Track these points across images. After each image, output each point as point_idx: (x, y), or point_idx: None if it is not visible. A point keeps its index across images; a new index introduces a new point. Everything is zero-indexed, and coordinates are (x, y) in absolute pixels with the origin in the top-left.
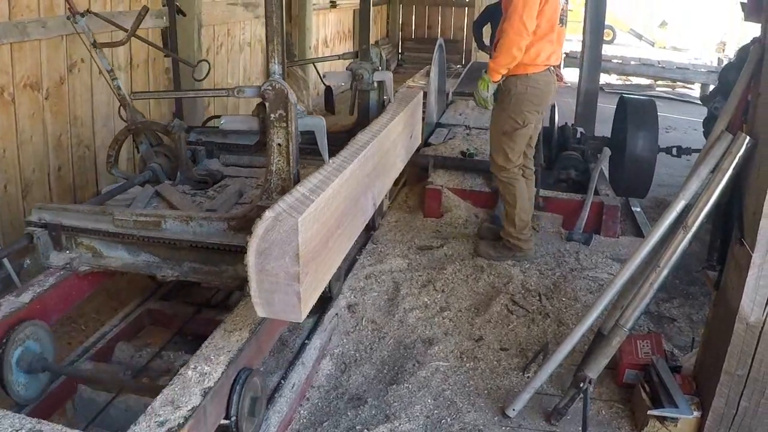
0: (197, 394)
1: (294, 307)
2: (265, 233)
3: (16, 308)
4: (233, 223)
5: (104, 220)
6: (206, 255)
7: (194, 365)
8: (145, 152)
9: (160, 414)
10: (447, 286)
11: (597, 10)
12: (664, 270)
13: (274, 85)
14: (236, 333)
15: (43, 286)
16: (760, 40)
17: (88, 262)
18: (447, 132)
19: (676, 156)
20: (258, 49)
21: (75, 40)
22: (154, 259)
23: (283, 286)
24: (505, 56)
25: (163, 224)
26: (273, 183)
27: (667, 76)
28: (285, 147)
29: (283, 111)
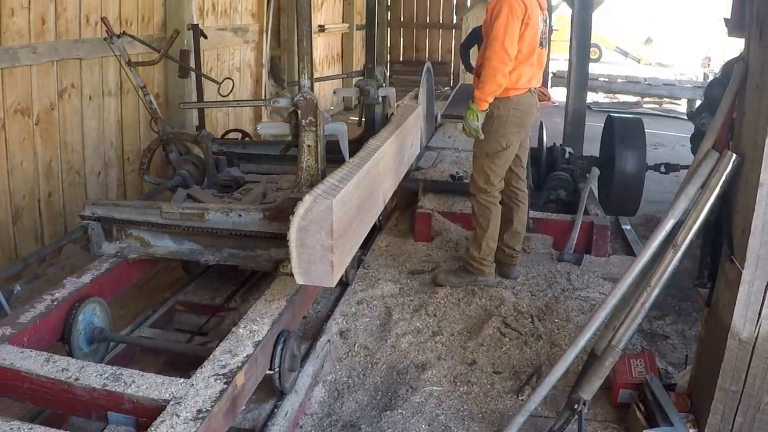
0: (250, 346)
1: (328, 274)
2: (305, 213)
3: (80, 286)
4: (268, 213)
5: (152, 213)
6: (244, 242)
7: (244, 325)
8: (175, 160)
9: (221, 360)
10: (439, 311)
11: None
12: (655, 289)
13: (306, 96)
14: (275, 302)
15: (99, 270)
16: (743, 57)
17: (137, 250)
18: (436, 155)
19: (665, 173)
20: (247, 73)
21: (65, 66)
22: (197, 246)
23: (319, 256)
24: (490, 84)
25: (206, 215)
26: (303, 178)
27: (654, 92)
28: (314, 148)
29: (313, 117)
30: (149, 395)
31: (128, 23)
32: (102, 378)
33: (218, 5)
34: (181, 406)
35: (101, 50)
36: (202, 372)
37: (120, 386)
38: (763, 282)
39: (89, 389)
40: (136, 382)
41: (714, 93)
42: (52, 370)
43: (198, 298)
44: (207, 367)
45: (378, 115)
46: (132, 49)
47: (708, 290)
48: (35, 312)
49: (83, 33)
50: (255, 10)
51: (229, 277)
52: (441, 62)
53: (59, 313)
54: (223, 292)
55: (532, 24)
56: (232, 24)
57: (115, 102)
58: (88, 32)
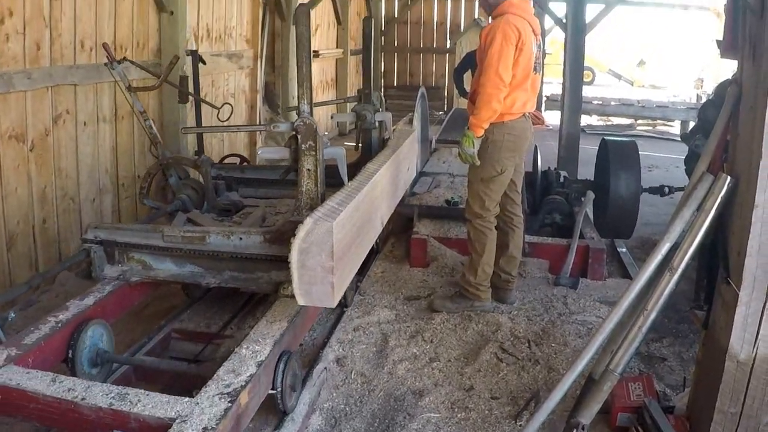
0: (252, 366)
1: (328, 295)
2: (306, 235)
3: (83, 309)
4: (268, 236)
5: (154, 237)
6: (244, 264)
7: (246, 345)
8: (175, 184)
9: (225, 379)
10: (436, 336)
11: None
12: (652, 313)
13: (305, 121)
14: (276, 323)
15: (102, 292)
16: (736, 79)
17: (139, 273)
18: (431, 181)
19: (660, 195)
20: (242, 99)
21: (60, 92)
22: (199, 269)
23: (320, 278)
24: (485, 111)
25: (208, 239)
26: (303, 201)
27: (647, 114)
28: (314, 172)
29: (312, 142)
30: (155, 414)
31: (123, 49)
32: (108, 397)
33: (213, 31)
34: (187, 425)
35: (96, 76)
36: (206, 391)
37: (126, 405)
38: (760, 303)
39: (95, 408)
40: (141, 401)
41: (707, 114)
42: (59, 390)
43: (194, 326)
44: (211, 386)
45: (375, 140)
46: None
47: (705, 312)
48: (40, 333)
49: (78, 59)
50: (249, 36)
51: (225, 304)
52: (435, 87)
53: (63, 335)
54: (219, 319)
55: (526, 49)
56: (226, 50)
57: (110, 128)
58: (83, 58)
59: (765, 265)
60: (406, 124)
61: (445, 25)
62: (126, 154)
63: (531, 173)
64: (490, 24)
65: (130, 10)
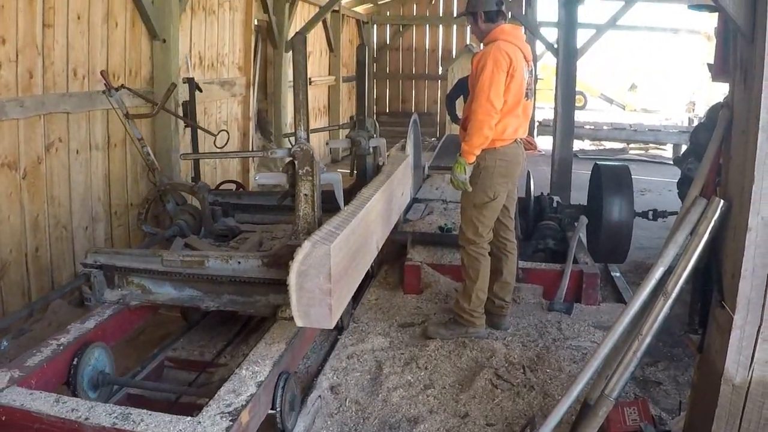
0: (253, 386)
1: (326, 316)
2: (305, 258)
3: (84, 332)
4: (266, 260)
5: (154, 261)
6: (243, 288)
7: (246, 367)
8: (172, 210)
9: (226, 399)
10: (430, 363)
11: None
12: (646, 337)
13: (302, 147)
14: (275, 345)
15: (103, 316)
16: (728, 103)
17: (138, 297)
18: (424, 207)
19: (653, 219)
20: (234, 126)
21: (53, 120)
22: (198, 293)
23: (318, 300)
24: (477, 137)
25: (207, 263)
26: (300, 226)
27: (640, 138)
28: (311, 196)
29: (309, 167)
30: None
31: (116, 77)
32: (111, 417)
33: (205, 59)
34: None
35: (88, 104)
36: (208, 410)
37: (129, 425)
38: (755, 326)
39: (99, 428)
40: (144, 421)
41: (699, 138)
42: (62, 410)
43: (187, 354)
44: (213, 406)
45: (369, 165)
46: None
47: (699, 336)
48: (42, 356)
49: (71, 87)
50: (241, 64)
51: (218, 332)
52: (427, 113)
53: (65, 357)
54: (213, 347)
55: (517, 76)
56: (219, 77)
57: (102, 156)
58: (75, 86)
59: (759, 288)
60: (399, 150)
61: (436, 51)
62: (118, 181)
63: (524, 199)
64: (481, 50)
65: (123, 38)
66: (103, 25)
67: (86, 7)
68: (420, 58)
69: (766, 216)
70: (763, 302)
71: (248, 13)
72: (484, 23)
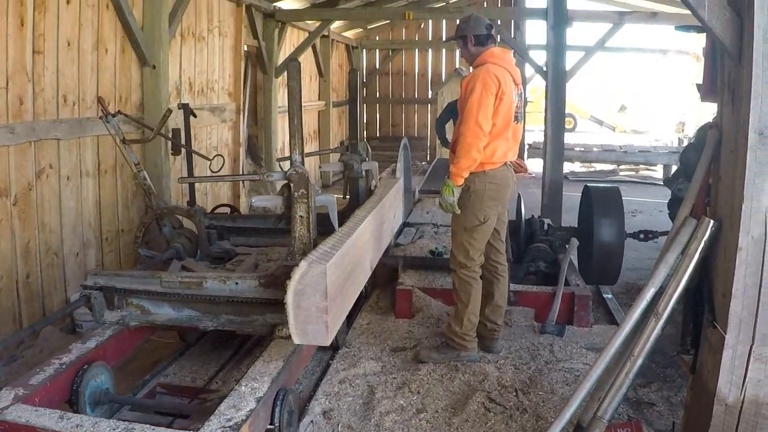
0: (252, 401)
1: (323, 333)
2: (301, 277)
3: (85, 351)
4: (263, 280)
5: (153, 282)
6: (240, 308)
7: (245, 383)
8: (169, 234)
9: (227, 414)
10: (422, 387)
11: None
12: (638, 359)
13: (297, 170)
14: (273, 362)
15: (103, 336)
16: (716, 123)
17: (137, 318)
18: (415, 231)
19: (643, 240)
20: (225, 152)
21: (43, 146)
22: (196, 313)
23: (315, 317)
24: (465, 159)
25: (205, 284)
26: (296, 246)
27: (630, 160)
28: (306, 218)
29: (305, 190)
30: None
31: (106, 103)
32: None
33: (195, 85)
34: None
35: (79, 130)
36: (209, 425)
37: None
38: (747, 346)
39: None
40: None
41: (689, 158)
42: (67, 426)
43: (179, 380)
44: (214, 421)
45: (362, 188)
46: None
47: (692, 356)
48: (45, 375)
49: (61, 113)
50: (231, 90)
51: (210, 359)
52: (417, 137)
53: (67, 377)
54: (204, 373)
55: (506, 99)
56: (209, 103)
57: (93, 182)
58: (65, 113)
59: (750, 308)
60: (390, 175)
61: (426, 75)
62: (109, 208)
63: (515, 221)
64: (470, 73)
65: (113, 64)
66: (93, 52)
67: (76, 34)
68: (410, 82)
69: (757, 235)
70: (754, 321)
71: (238, 39)
72: (474, 47)
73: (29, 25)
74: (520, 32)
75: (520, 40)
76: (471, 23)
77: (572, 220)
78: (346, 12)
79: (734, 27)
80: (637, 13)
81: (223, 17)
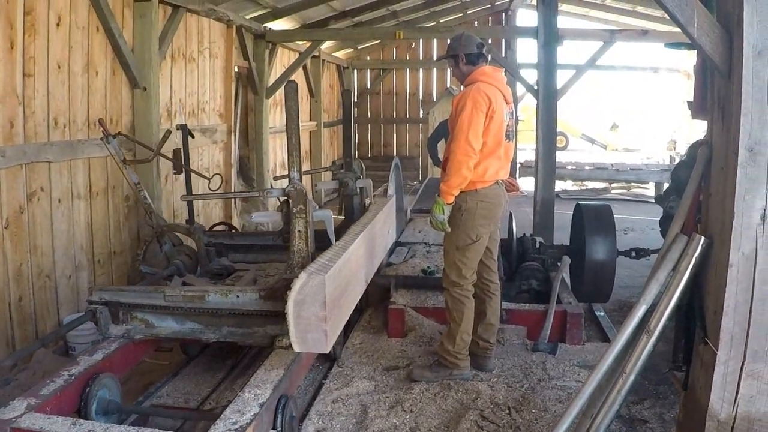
0: (255, 406)
1: (322, 341)
2: (301, 288)
3: (93, 363)
4: (263, 293)
5: (156, 297)
6: (241, 320)
7: (249, 390)
8: (169, 251)
9: (232, 418)
10: (415, 406)
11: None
12: (630, 376)
13: (296, 187)
14: (274, 370)
15: (109, 349)
16: (707, 140)
17: (142, 332)
18: (407, 251)
19: (635, 258)
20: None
21: (34, 169)
22: (199, 326)
23: (314, 326)
24: (455, 178)
25: (207, 297)
26: (295, 260)
27: (622, 178)
28: (304, 233)
29: (303, 205)
30: None
31: (96, 126)
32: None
33: (186, 106)
34: None
35: (70, 153)
36: (215, 428)
37: None
38: (738, 362)
39: None
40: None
41: (681, 175)
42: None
43: (172, 401)
44: (219, 425)
45: (357, 205)
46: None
47: (684, 373)
48: (55, 385)
49: (52, 136)
50: (222, 111)
51: (203, 380)
52: (409, 157)
53: (76, 387)
54: (198, 395)
55: (497, 117)
56: (200, 124)
57: (85, 205)
58: (56, 135)
59: (742, 324)
60: (381, 195)
61: (417, 95)
62: (101, 230)
63: (507, 240)
64: (461, 92)
65: (103, 86)
66: (83, 74)
67: (66, 57)
68: (401, 101)
69: (747, 252)
70: (746, 338)
71: (228, 60)
72: (465, 65)
73: (19, 48)
74: (511, 51)
75: (511, 58)
76: (462, 42)
77: (564, 238)
78: (336, 32)
79: (724, 44)
80: (627, 31)
81: (213, 38)
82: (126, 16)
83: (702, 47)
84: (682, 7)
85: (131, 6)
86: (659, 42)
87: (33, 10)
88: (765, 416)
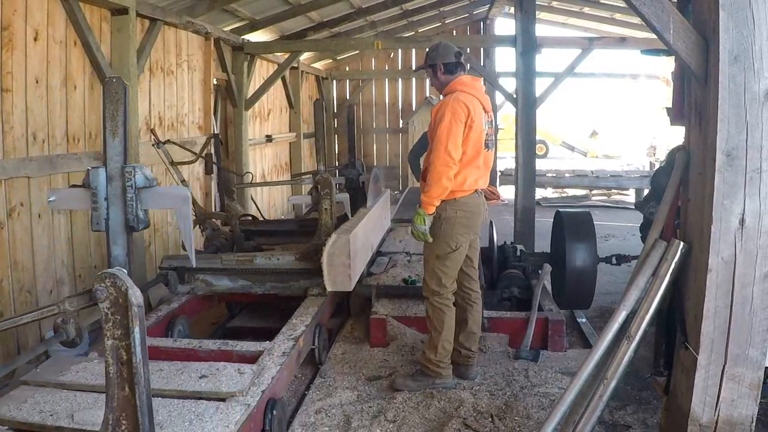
0: (302, 327)
1: (347, 282)
2: (332, 244)
3: (173, 308)
4: (298, 255)
5: (215, 262)
6: (281, 277)
7: (295, 319)
8: (210, 234)
9: (287, 332)
10: (399, 416)
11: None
12: (612, 381)
13: (323, 176)
14: (310, 308)
15: (181, 300)
16: (685, 146)
17: (203, 289)
18: (388, 260)
19: (616, 264)
20: (197, 186)
21: (14, 184)
22: (248, 283)
23: (341, 271)
24: (436, 188)
25: (255, 260)
26: (322, 231)
27: (602, 185)
28: (329, 210)
29: (328, 189)
30: (250, 349)
31: (75, 140)
32: (216, 345)
33: (165, 119)
34: (273, 352)
35: (49, 168)
36: (278, 338)
37: (229, 347)
38: (719, 366)
39: (209, 351)
40: (239, 345)
41: (660, 181)
42: (181, 344)
43: None
44: (280, 337)
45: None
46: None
47: (665, 378)
48: (150, 322)
49: (31, 151)
50: (202, 123)
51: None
52: (390, 166)
53: (163, 324)
54: None
55: (476, 126)
56: (179, 137)
57: (65, 220)
58: (35, 150)
59: (722, 328)
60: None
61: (397, 105)
62: (82, 245)
63: (488, 248)
64: (440, 102)
65: (82, 101)
66: (61, 89)
67: (44, 72)
68: (380, 112)
69: (726, 256)
70: (726, 342)
71: (207, 73)
72: (443, 75)
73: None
74: (490, 60)
75: (490, 67)
76: (440, 51)
77: (545, 245)
78: (314, 43)
79: (700, 50)
80: (606, 38)
81: (191, 51)
82: (104, 30)
83: (678, 53)
84: (658, 14)
85: (109, 20)
86: (638, 49)
87: (10, 26)
88: (746, 419)
